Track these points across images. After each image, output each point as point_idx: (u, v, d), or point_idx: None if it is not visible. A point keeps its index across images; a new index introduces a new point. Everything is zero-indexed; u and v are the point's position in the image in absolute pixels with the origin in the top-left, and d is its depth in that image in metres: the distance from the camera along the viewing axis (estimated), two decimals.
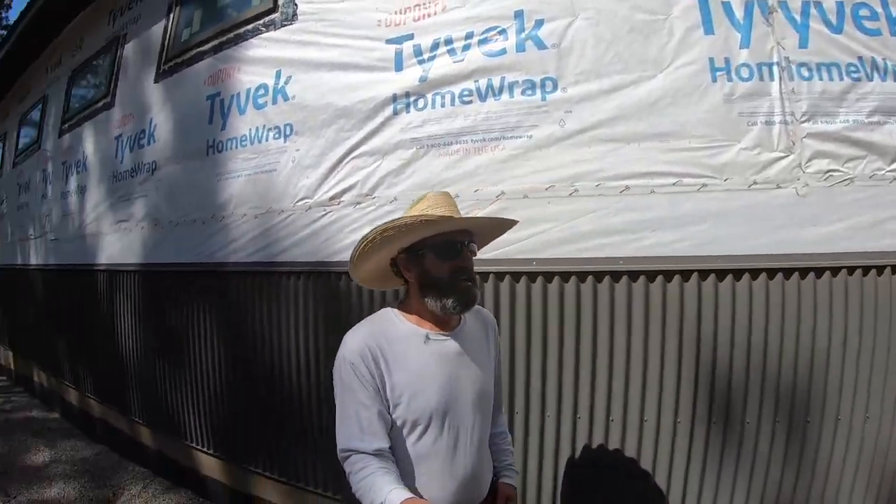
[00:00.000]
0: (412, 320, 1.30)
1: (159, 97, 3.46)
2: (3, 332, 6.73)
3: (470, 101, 2.07)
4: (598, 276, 1.93)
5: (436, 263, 1.26)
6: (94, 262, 3.98)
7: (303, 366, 2.50)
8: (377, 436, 1.20)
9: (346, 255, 2.26)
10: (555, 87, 1.96)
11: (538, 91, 1.97)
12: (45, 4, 4.53)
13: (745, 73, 1.93)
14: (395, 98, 2.24)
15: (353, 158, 2.33)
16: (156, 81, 3.50)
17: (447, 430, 1.26)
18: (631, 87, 1.92)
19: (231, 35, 2.92)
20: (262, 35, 2.77)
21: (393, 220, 1.23)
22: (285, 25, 2.68)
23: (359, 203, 2.28)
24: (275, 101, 2.66)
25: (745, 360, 1.87)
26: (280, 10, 2.72)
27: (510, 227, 1.45)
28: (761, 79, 1.92)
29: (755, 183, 1.88)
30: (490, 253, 1.94)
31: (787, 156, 1.88)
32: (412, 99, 2.20)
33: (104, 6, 4.45)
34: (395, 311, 1.34)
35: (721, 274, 1.87)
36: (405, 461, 1.24)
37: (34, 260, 5.23)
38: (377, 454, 1.19)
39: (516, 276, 2.02)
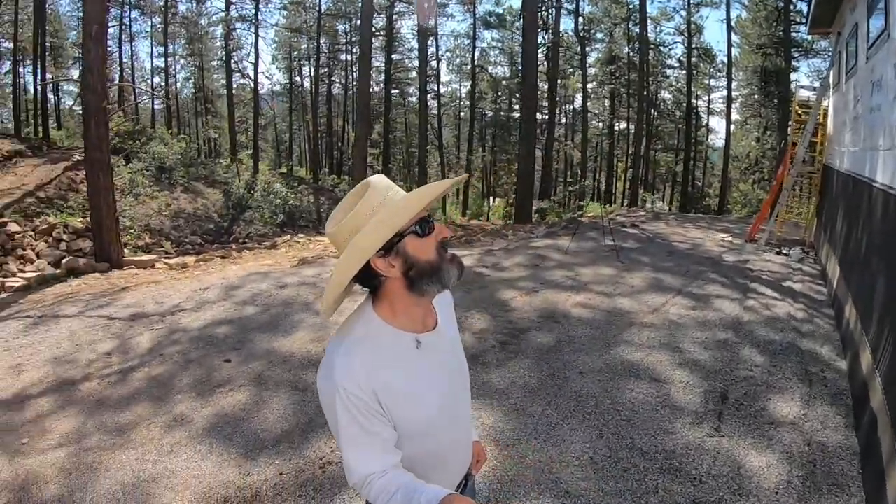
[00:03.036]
0: (397, 324, 1.17)
1: None
2: (837, 242, 6.36)
3: None
4: None
5: (420, 245, 1.11)
6: None
7: None
8: (394, 452, 1.13)
9: None
10: None
11: None
12: None
13: None
14: None
15: None
16: None
17: (447, 428, 1.25)
18: None
19: None
20: None
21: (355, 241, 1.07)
22: None
23: None
24: None
25: None
26: None
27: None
28: None
29: None
30: None
31: None
32: None
33: None
34: (376, 314, 1.17)
35: None
36: (411, 466, 1.16)
37: (880, 177, 4.31)
38: (396, 468, 1.13)
39: None
